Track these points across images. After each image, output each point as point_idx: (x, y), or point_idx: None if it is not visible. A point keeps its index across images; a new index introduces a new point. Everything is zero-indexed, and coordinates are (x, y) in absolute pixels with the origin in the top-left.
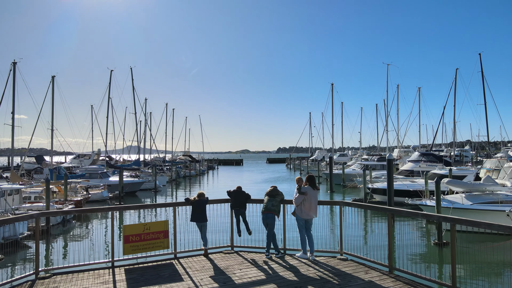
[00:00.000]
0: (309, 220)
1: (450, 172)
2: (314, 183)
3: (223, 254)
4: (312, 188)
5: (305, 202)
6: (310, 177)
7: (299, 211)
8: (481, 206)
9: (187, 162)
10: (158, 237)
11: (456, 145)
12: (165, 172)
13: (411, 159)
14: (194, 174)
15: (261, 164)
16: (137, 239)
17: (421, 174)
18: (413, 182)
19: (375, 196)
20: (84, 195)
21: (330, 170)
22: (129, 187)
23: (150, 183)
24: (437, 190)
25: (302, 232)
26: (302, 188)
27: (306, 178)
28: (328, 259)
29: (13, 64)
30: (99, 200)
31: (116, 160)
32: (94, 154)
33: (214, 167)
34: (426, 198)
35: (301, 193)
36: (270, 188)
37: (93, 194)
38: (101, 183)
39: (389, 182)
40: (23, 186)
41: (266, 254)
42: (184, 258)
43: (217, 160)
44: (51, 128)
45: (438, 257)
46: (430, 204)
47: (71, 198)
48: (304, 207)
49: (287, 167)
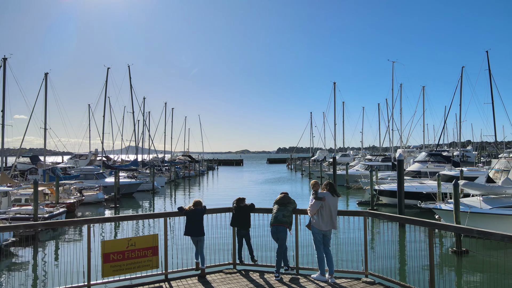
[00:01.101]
0: (328, 233)
1: (461, 173)
2: (334, 189)
3: (224, 275)
4: (332, 194)
5: (322, 211)
6: (330, 184)
7: (316, 222)
8: (501, 211)
9: (186, 163)
10: (146, 255)
11: (458, 146)
12: (164, 173)
13: (418, 160)
14: (194, 175)
15: (261, 164)
16: (119, 258)
17: (428, 175)
18: (422, 183)
19: (382, 198)
20: (77, 197)
21: (333, 171)
22: (126, 188)
23: (148, 184)
24: (456, 194)
25: (319, 249)
26: (319, 193)
27: (325, 184)
28: (351, 282)
29: (3, 60)
30: (94, 202)
31: (114, 161)
32: (91, 154)
33: (214, 167)
34: (439, 201)
35: (317, 198)
36: (280, 195)
37: (87, 195)
38: (97, 184)
39: (400, 184)
40: (11, 189)
41: (276, 275)
42: (176, 279)
43: (217, 161)
44: (44, 127)
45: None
46: (446, 208)
47: (64, 200)
48: (322, 217)
49: (288, 167)
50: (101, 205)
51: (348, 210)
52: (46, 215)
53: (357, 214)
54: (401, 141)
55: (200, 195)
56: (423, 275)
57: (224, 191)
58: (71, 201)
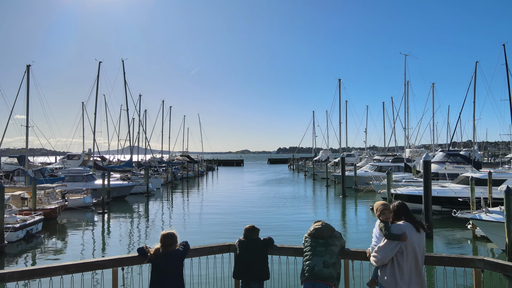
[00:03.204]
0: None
1: (490, 175)
2: (414, 219)
3: None
4: (416, 228)
5: (401, 259)
6: (403, 207)
7: (388, 279)
8: None
9: (184, 163)
10: None
11: (461, 146)
12: (161, 174)
13: (435, 160)
14: (192, 176)
15: (262, 164)
16: None
17: (447, 177)
18: (443, 187)
19: None
20: (60, 202)
21: (342, 172)
22: (118, 191)
23: (142, 186)
24: (508, 203)
25: None
26: (394, 228)
27: (395, 208)
28: None
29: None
30: (81, 207)
31: (109, 161)
32: (84, 155)
33: (214, 168)
34: (474, 210)
35: (392, 237)
36: (316, 224)
37: (72, 200)
38: (84, 187)
39: (426, 189)
40: None
41: None
42: None
43: (217, 161)
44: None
45: None
46: (489, 218)
47: (44, 206)
48: (400, 269)
49: (289, 167)
50: (88, 210)
51: (444, 255)
52: (17, 224)
53: (465, 264)
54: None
55: (197, 198)
56: None
57: (224, 194)
58: (51, 207)
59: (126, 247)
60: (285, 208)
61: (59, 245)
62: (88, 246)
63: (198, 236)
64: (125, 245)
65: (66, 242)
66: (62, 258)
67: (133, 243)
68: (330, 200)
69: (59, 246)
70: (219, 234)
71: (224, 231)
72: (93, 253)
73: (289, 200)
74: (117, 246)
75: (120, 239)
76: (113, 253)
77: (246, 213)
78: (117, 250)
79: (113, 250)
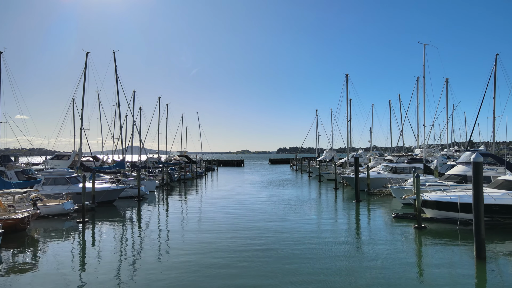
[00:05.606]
0: None
1: None
2: None
3: None
4: None
5: None
6: None
7: None
8: None
9: (182, 163)
10: None
11: (467, 146)
12: (156, 175)
13: (461, 161)
14: (190, 177)
15: (263, 165)
16: None
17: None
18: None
19: (426, 211)
20: (31, 210)
21: (356, 174)
22: (104, 196)
23: (133, 189)
24: None
25: None
26: None
27: None
28: None
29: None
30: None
31: (103, 161)
32: (74, 154)
33: (213, 168)
34: None
35: None
36: None
37: (49, 207)
38: (64, 191)
39: (477, 199)
40: None
41: None
42: None
43: (216, 161)
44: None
45: None
46: None
47: (9, 216)
48: None
49: (292, 168)
50: (67, 219)
51: None
52: None
53: None
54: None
55: (194, 203)
56: None
57: (225, 197)
58: (18, 216)
59: (109, 265)
60: (293, 214)
61: (20, 266)
62: (61, 266)
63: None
64: (106, 263)
65: (31, 262)
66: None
67: (118, 260)
68: (344, 205)
69: (19, 267)
70: (217, 261)
71: (223, 257)
72: (64, 279)
73: (298, 206)
74: (95, 265)
75: (101, 253)
76: (92, 276)
77: (248, 229)
78: (98, 270)
79: (92, 271)
